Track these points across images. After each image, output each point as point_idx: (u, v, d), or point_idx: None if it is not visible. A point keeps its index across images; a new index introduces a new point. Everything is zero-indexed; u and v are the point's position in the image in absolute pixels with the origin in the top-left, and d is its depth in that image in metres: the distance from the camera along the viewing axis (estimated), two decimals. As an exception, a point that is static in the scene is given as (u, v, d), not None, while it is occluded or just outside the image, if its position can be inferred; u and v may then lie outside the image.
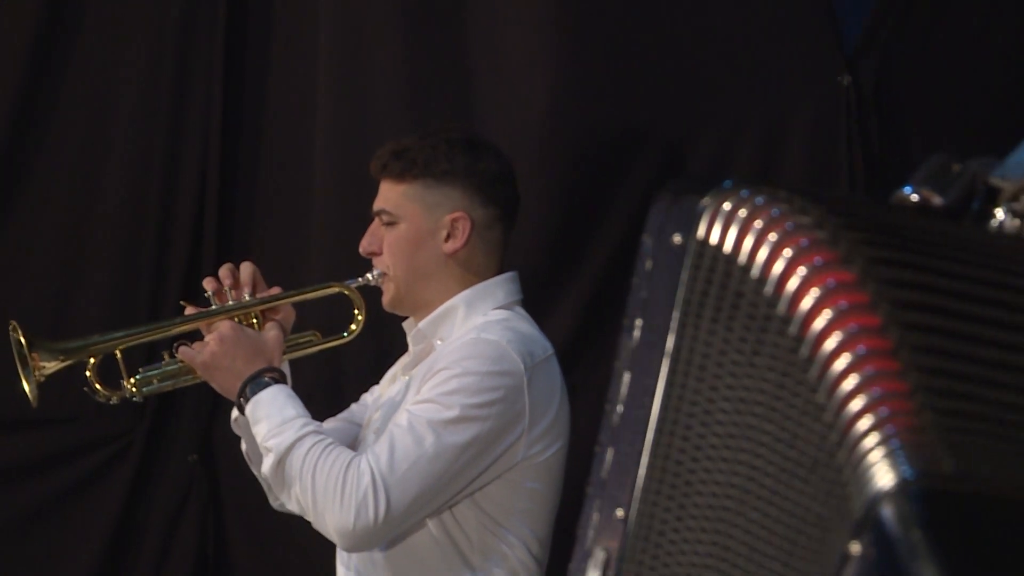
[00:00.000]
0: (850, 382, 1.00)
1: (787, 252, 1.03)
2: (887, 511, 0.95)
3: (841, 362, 1.01)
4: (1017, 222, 1.11)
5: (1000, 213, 1.10)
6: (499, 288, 3.41)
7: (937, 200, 1.11)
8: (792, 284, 1.03)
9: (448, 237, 3.38)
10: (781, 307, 1.03)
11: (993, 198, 1.12)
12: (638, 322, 1.18)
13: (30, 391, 3.40)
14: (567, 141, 4.14)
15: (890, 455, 0.97)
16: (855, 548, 0.98)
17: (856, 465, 1.00)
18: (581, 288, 4.12)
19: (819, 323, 1.01)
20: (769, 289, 1.05)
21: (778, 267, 1.04)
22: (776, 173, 4.00)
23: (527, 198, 3.64)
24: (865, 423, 0.99)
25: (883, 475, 0.97)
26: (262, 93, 4.54)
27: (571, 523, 3.06)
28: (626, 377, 1.17)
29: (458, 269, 3.40)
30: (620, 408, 1.18)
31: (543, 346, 3.37)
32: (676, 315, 1.11)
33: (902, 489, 0.95)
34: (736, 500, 1.09)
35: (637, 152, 4.16)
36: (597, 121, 4.17)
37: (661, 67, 4.19)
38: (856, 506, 0.99)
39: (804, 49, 4.14)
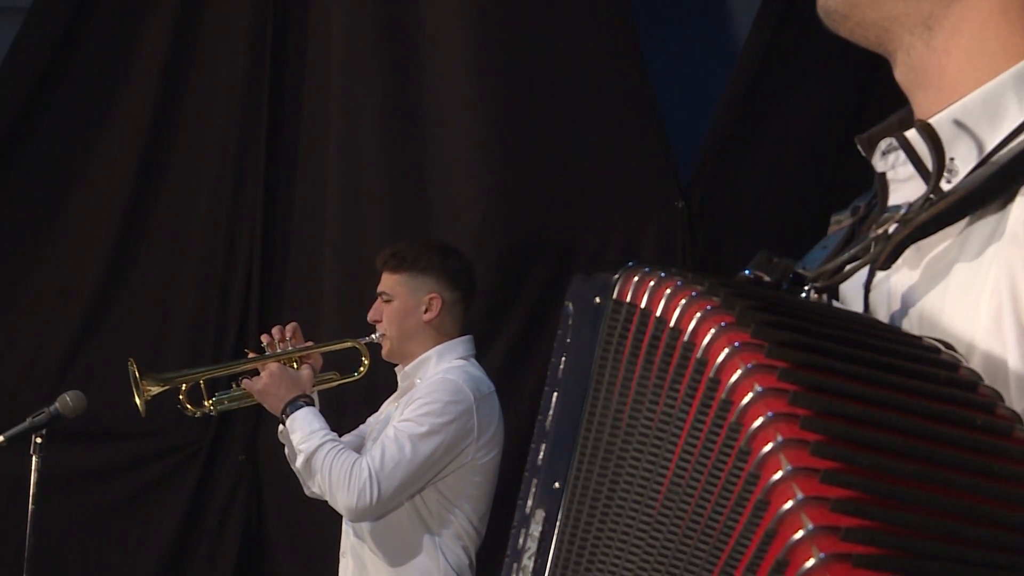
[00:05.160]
0: (766, 446, 0.96)
1: (698, 313, 1.04)
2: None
3: (758, 425, 0.97)
4: (817, 296, 1.17)
5: (805, 290, 1.16)
6: (460, 345, 3.86)
7: (767, 278, 1.15)
8: (707, 338, 1.02)
9: (426, 310, 3.82)
10: (700, 353, 1.03)
11: (799, 281, 1.17)
12: (563, 358, 1.18)
13: (141, 407, 3.80)
14: (495, 240, 4.61)
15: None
16: None
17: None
18: (506, 341, 4.55)
19: (735, 377, 0.99)
20: (687, 339, 1.05)
21: (693, 324, 1.04)
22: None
23: (468, 279, 3.93)
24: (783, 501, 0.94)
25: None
26: (289, 209, 5.02)
27: (502, 507, 3.61)
28: (554, 396, 1.18)
29: (433, 332, 3.83)
30: (551, 414, 1.19)
31: (488, 385, 3.80)
32: (598, 350, 1.13)
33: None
34: (664, 485, 1.06)
35: (541, 250, 4.64)
36: (515, 227, 4.64)
37: (557, 192, 4.68)
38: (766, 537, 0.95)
39: (651, 183, 4.58)
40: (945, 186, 1.15)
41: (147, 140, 5.00)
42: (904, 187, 1.21)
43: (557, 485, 1.17)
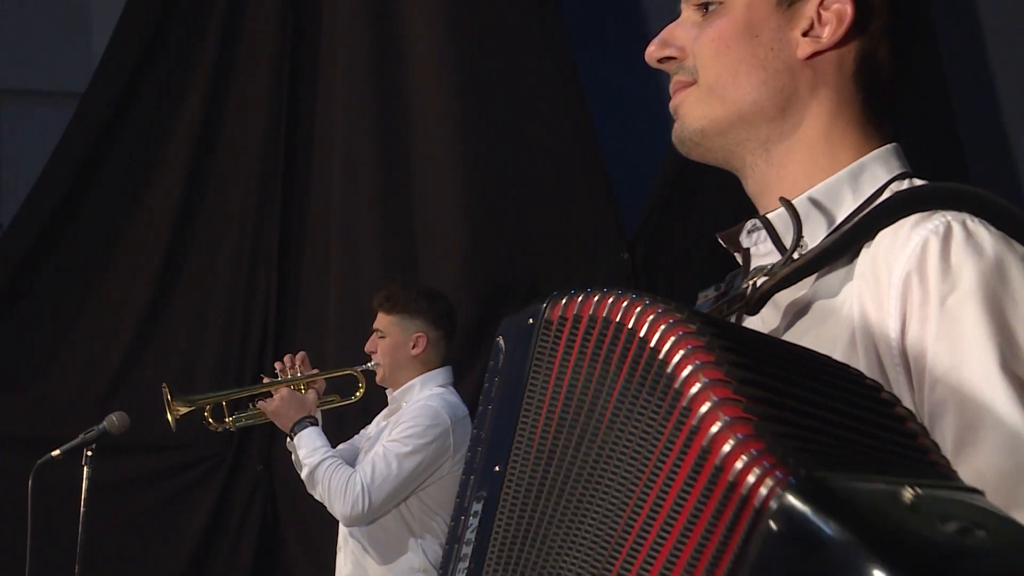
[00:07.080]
0: (715, 426, 0.97)
1: (651, 316, 1.07)
2: (790, 501, 0.90)
3: (706, 412, 0.99)
4: None
5: None
6: (440, 375, 4.03)
7: None
8: (668, 341, 1.04)
9: (414, 346, 4.00)
10: (661, 353, 1.04)
11: None
12: (496, 380, 1.18)
13: (172, 424, 4.03)
14: (472, 283, 4.86)
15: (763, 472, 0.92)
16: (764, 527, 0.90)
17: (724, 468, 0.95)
18: (480, 369, 4.10)
19: (687, 371, 1.02)
20: (646, 337, 1.06)
21: (649, 326, 1.06)
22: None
23: (446, 320, 4.05)
24: (733, 458, 0.94)
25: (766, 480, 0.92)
26: (300, 258, 5.28)
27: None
28: (488, 410, 1.17)
29: (419, 364, 4.02)
30: (488, 425, 1.17)
31: (462, 409, 3.96)
32: (531, 354, 1.14)
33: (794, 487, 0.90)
34: (604, 458, 1.05)
35: (510, 292, 4.89)
36: (489, 272, 4.87)
37: (524, 243, 4.92)
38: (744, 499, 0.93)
39: (602, 237, 4.83)
40: (796, 256, 1.27)
41: (180, 203, 5.28)
42: (763, 259, 1.33)
43: (497, 468, 1.16)
